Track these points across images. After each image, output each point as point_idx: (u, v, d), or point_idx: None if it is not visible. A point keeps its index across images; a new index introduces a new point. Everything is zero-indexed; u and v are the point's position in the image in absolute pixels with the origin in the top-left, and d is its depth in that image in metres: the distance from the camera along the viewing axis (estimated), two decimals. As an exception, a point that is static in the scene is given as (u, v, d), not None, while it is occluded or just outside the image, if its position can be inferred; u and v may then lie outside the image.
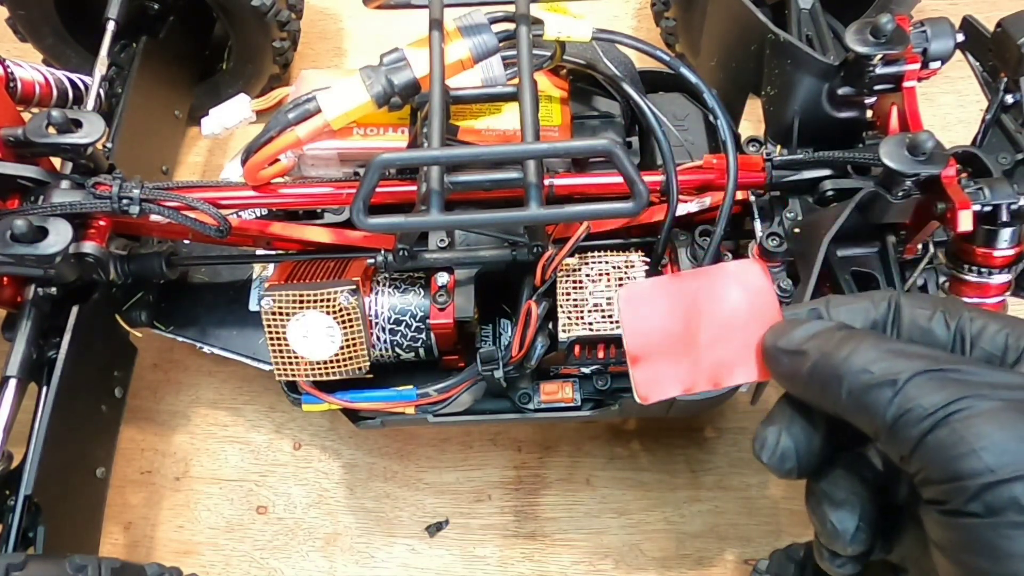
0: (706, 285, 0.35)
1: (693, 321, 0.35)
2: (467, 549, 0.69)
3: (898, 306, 0.32)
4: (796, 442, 0.32)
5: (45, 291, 0.60)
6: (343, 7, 0.97)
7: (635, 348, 0.35)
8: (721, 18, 0.66)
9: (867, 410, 0.28)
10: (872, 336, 0.30)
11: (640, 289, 0.36)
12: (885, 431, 0.28)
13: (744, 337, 0.34)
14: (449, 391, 0.57)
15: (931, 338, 0.31)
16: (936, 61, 0.56)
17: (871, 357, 0.29)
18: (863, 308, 0.32)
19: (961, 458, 0.26)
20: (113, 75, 0.73)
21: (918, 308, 0.31)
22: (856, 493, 0.32)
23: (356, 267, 0.57)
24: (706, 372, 0.34)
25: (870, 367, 0.29)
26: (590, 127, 0.62)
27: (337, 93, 0.52)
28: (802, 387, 0.31)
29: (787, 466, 0.32)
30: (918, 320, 0.31)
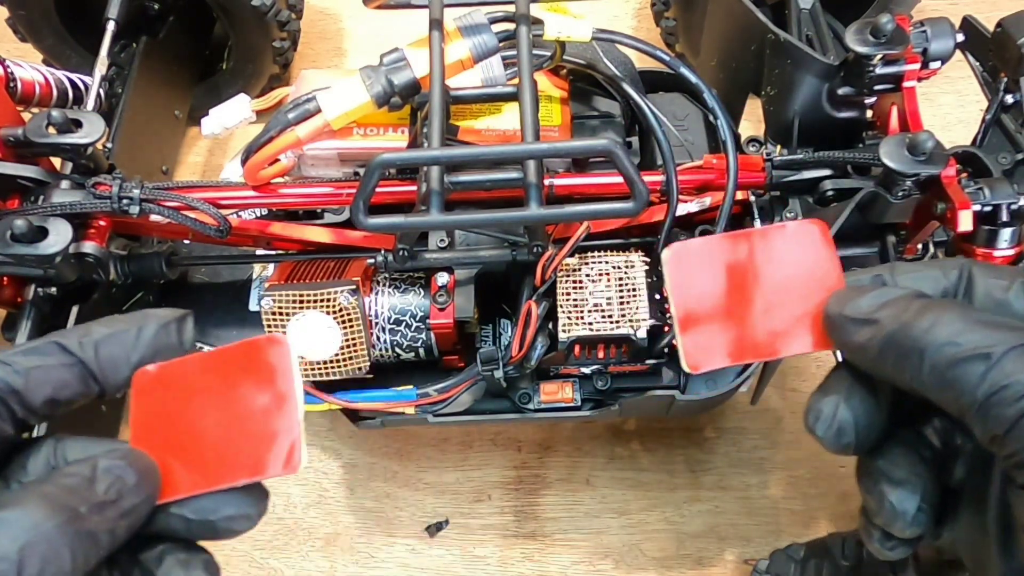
0: (761, 246, 0.32)
1: (746, 285, 0.32)
2: (467, 549, 0.69)
3: (971, 275, 0.29)
4: (855, 415, 0.30)
5: (45, 291, 0.60)
6: (343, 7, 0.97)
7: (683, 312, 0.32)
8: (721, 18, 0.66)
9: (954, 386, 0.26)
10: (956, 306, 0.28)
11: (690, 248, 0.33)
12: (975, 409, 0.26)
13: (802, 304, 0.31)
14: (449, 391, 0.57)
15: (1008, 311, 0.28)
16: (936, 61, 0.56)
17: (958, 328, 0.26)
18: (932, 276, 0.30)
19: None
20: (113, 75, 0.73)
21: (993, 278, 0.29)
22: (917, 472, 0.30)
23: (356, 267, 0.57)
24: (758, 341, 0.32)
25: (957, 339, 0.26)
26: (590, 127, 0.62)
27: (337, 93, 0.52)
28: (873, 359, 0.28)
29: (844, 440, 0.30)
30: (993, 291, 0.29)
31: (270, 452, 0.29)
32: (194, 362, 0.31)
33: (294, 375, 0.30)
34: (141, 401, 0.31)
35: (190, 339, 0.32)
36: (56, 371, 0.29)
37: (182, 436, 0.30)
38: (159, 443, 0.30)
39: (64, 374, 0.30)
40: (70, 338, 0.30)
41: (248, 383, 0.30)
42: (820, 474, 0.70)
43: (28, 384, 0.29)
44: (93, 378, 0.30)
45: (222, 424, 0.30)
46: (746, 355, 0.32)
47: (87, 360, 0.30)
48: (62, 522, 0.25)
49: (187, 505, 0.29)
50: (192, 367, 0.31)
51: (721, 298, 0.32)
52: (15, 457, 0.29)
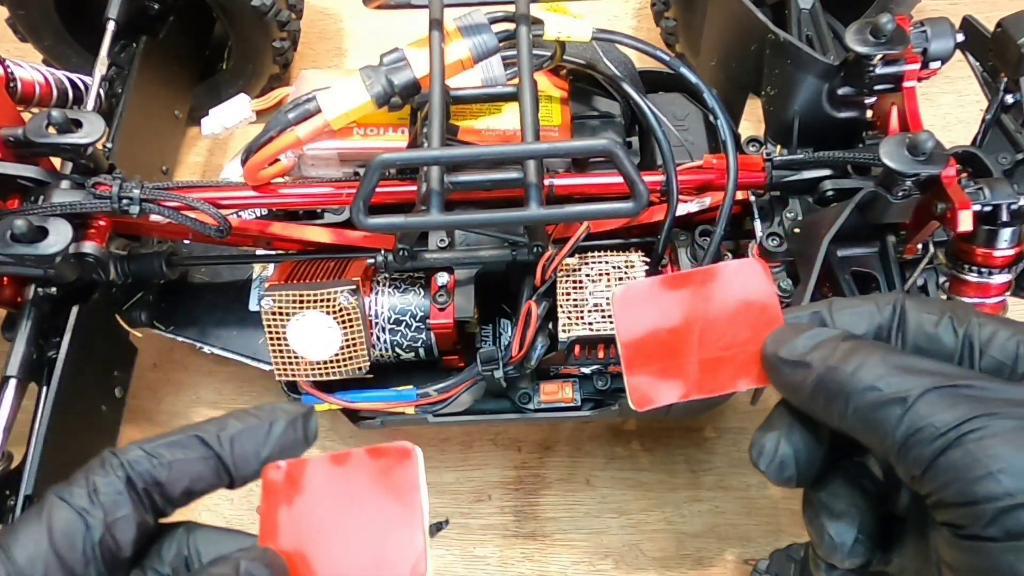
0: (703, 285, 0.33)
1: (690, 323, 0.33)
2: (467, 549, 0.69)
3: (903, 310, 0.30)
4: (796, 450, 0.31)
5: (45, 291, 0.60)
6: (343, 7, 0.97)
7: (630, 353, 0.33)
8: (721, 18, 0.66)
9: (875, 429, 0.27)
10: (880, 349, 0.29)
11: (634, 290, 0.34)
12: (895, 451, 0.27)
13: (744, 341, 0.33)
14: (449, 391, 0.57)
15: (938, 344, 0.30)
16: (936, 61, 0.56)
17: (879, 372, 0.27)
18: (867, 312, 0.31)
19: (978, 481, 0.25)
20: (113, 75, 0.73)
21: (924, 313, 0.30)
22: (856, 504, 0.31)
23: (356, 267, 0.57)
24: (703, 379, 0.33)
25: (878, 383, 0.27)
26: (590, 127, 0.62)
27: (337, 93, 0.52)
28: (805, 400, 0.30)
29: (786, 475, 0.31)
30: (924, 326, 0.30)
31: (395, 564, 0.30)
32: (325, 463, 0.32)
33: (421, 487, 0.30)
34: (270, 498, 0.31)
35: (314, 434, 0.33)
36: (195, 464, 0.31)
37: (311, 538, 0.31)
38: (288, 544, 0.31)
39: (202, 467, 0.31)
40: (209, 432, 0.31)
41: (377, 491, 0.31)
42: (820, 474, 0.70)
43: (170, 476, 0.30)
44: (226, 471, 0.31)
45: (349, 531, 0.30)
46: (692, 392, 0.33)
47: (223, 455, 0.31)
48: None
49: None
50: (321, 467, 0.31)
51: (667, 337, 0.33)
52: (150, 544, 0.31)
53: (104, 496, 0.30)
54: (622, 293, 0.34)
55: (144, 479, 0.30)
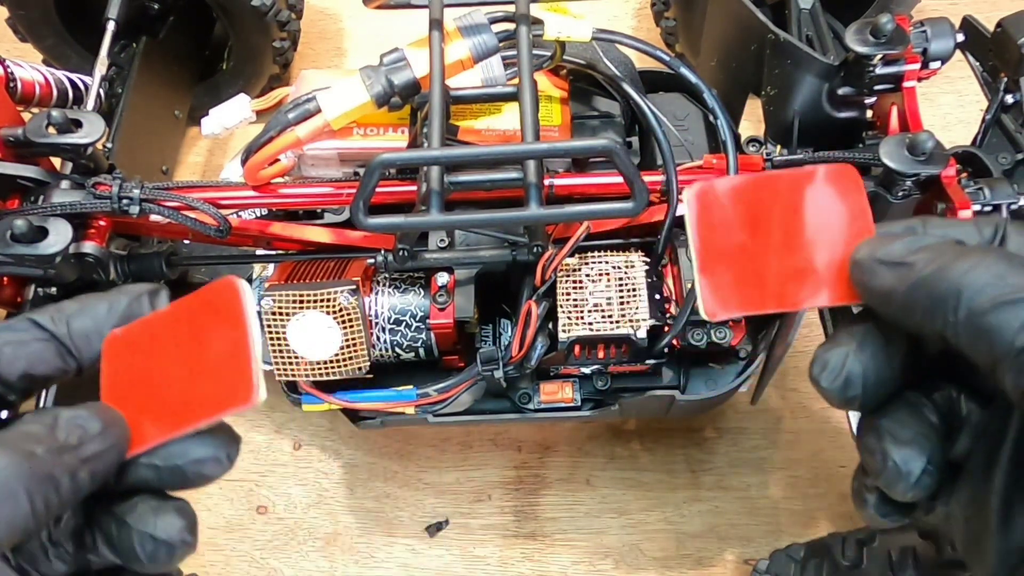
0: (790, 190, 0.31)
1: (771, 230, 0.30)
2: (467, 549, 0.69)
3: (1005, 234, 0.28)
4: (865, 367, 0.28)
5: (45, 291, 0.60)
6: (343, 7, 0.97)
7: (704, 255, 0.31)
8: (721, 18, 0.66)
9: (991, 333, 0.24)
10: (997, 251, 0.26)
11: (716, 188, 0.31)
12: (1010, 358, 0.24)
13: (829, 253, 0.30)
14: (449, 391, 0.57)
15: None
16: (936, 61, 0.56)
17: (1001, 270, 0.24)
18: (965, 231, 0.28)
19: None
20: (113, 75, 0.73)
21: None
22: (924, 433, 0.28)
23: (356, 267, 0.57)
24: (780, 290, 0.30)
25: (999, 281, 0.24)
26: (590, 127, 0.62)
27: (337, 93, 0.52)
28: (901, 304, 0.26)
29: (851, 393, 0.28)
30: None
31: (228, 390, 0.29)
32: (157, 318, 0.31)
33: (247, 313, 0.30)
34: (110, 363, 0.31)
35: None
36: (29, 346, 0.30)
37: (149, 390, 0.30)
38: (128, 400, 0.30)
39: (38, 348, 0.30)
40: (43, 315, 0.30)
41: (206, 329, 0.30)
42: (820, 474, 0.70)
43: (1, 359, 0.29)
44: (68, 353, 0.30)
45: (184, 372, 0.30)
46: (767, 304, 0.30)
47: (60, 335, 0.30)
48: (15, 462, 0.25)
49: (155, 454, 0.29)
50: (155, 322, 0.31)
51: (744, 243, 0.31)
52: None
53: None
54: (702, 190, 0.31)
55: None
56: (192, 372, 0.30)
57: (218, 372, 0.30)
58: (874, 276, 0.28)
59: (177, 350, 0.30)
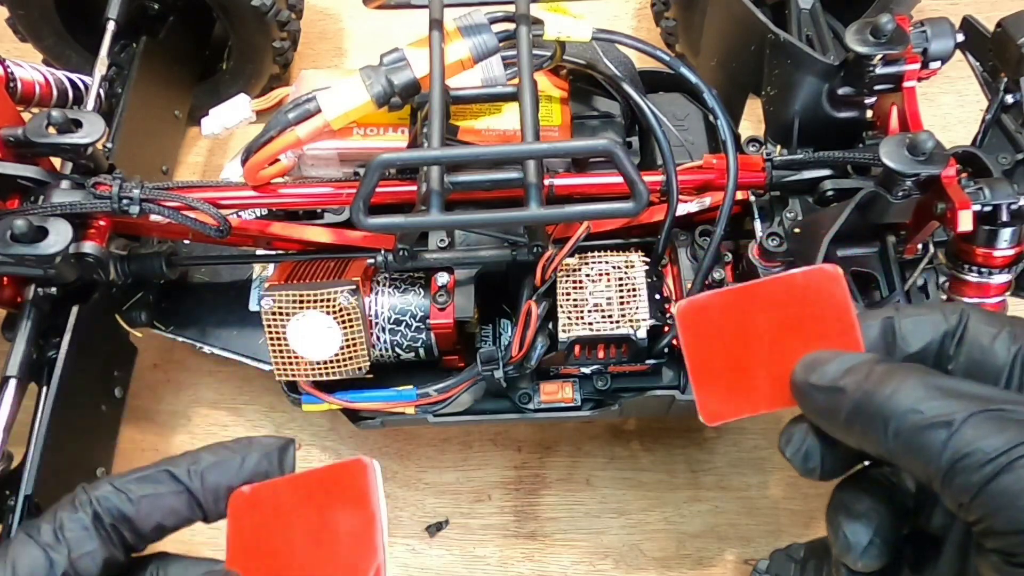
0: (772, 296, 0.32)
1: (760, 335, 0.32)
2: (467, 549, 0.69)
3: (967, 319, 0.30)
4: (823, 443, 0.31)
5: (45, 291, 0.60)
6: (343, 7, 0.97)
7: (697, 368, 0.32)
8: (721, 18, 0.66)
9: (918, 454, 0.27)
10: (917, 371, 0.28)
11: (701, 303, 0.33)
12: (940, 477, 0.26)
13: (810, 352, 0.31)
14: (449, 391, 0.57)
15: (992, 359, 0.29)
16: (936, 61, 0.56)
17: (920, 394, 0.27)
18: (933, 321, 0.30)
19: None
20: (113, 75, 0.73)
21: (985, 325, 0.30)
22: (877, 509, 0.31)
23: (356, 267, 0.57)
24: (775, 393, 0.32)
25: (919, 406, 0.27)
26: (590, 127, 0.62)
27: (337, 93, 0.52)
28: (841, 427, 0.29)
29: (810, 465, 0.31)
30: (981, 338, 0.29)
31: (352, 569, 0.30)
32: (285, 484, 0.32)
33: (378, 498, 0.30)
34: (236, 520, 0.32)
35: (291, 466, 0.34)
36: (166, 499, 0.32)
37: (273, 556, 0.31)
38: (253, 565, 0.31)
39: (173, 502, 0.32)
40: (180, 467, 0.32)
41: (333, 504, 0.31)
42: (820, 474, 0.70)
43: (139, 512, 0.31)
44: (199, 505, 0.32)
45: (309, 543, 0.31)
46: (759, 408, 0.32)
47: (194, 489, 0.32)
48: None
49: None
50: (283, 488, 0.32)
51: (734, 352, 0.32)
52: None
53: (69, 532, 0.30)
54: (687, 306, 0.33)
55: (112, 515, 0.31)
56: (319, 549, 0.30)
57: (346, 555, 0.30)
58: (812, 401, 0.30)
59: (303, 519, 0.31)
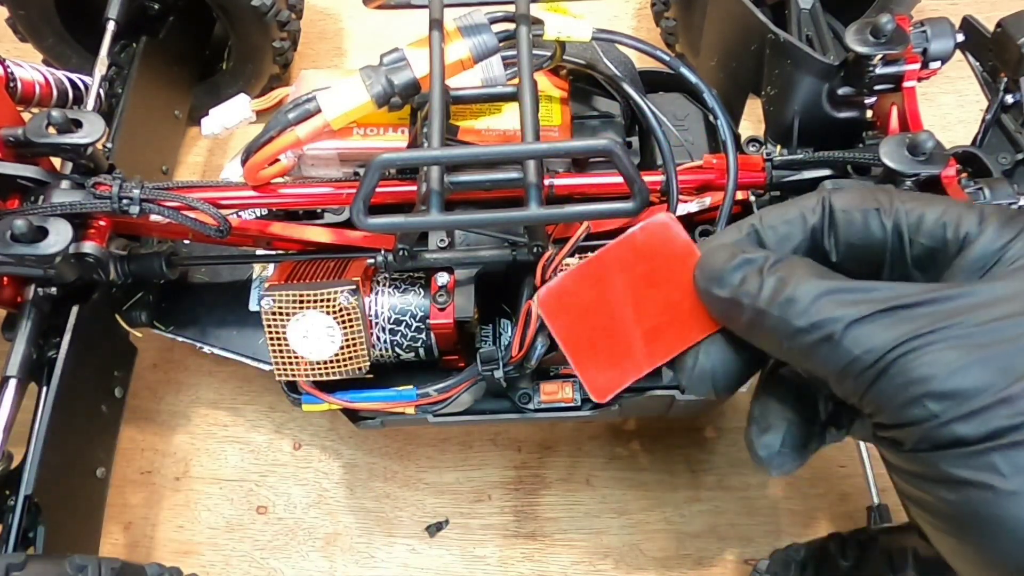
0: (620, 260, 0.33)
1: (621, 301, 0.33)
2: (467, 549, 0.69)
3: (831, 209, 0.31)
4: (713, 364, 0.33)
5: (45, 291, 0.60)
6: (343, 7, 0.97)
7: (573, 352, 0.33)
8: (721, 18, 0.66)
9: (812, 363, 0.29)
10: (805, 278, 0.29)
11: (554, 290, 0.33)
12: (832, 381, 0.29)
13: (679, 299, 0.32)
14: (449, 391, 0.57)
15: (870, 238, 0.31)
16: (936, 61, 0.56)
17: (804, 306, 0.28)
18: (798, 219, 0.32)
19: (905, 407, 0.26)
20: (113, 75, 0.73)
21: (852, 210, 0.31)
22: (786, 418, 0.33)
23: (356, 267, 0.57)
24: (653, 349, 0.33)
25: (803, 322, 0.28)
26: (590, 127, 0.62)
27: (337, 93, 0.52)
28: (744, 335, 0.31)
29: (703, 389, 0.33)
30: (854, 222, 0.31)
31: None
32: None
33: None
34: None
35: None
36: None
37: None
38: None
39: None
40: None
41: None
42: (820, 474, 0.70)
43: None
44: None
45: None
46: (643, 368, 0.33)
47: None
48: None
49: None
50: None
51: (604, 323, 0.33)
52: None
53: None
54: (545, 295, 0.33)
55: None
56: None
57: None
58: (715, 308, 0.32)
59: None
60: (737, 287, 0.30)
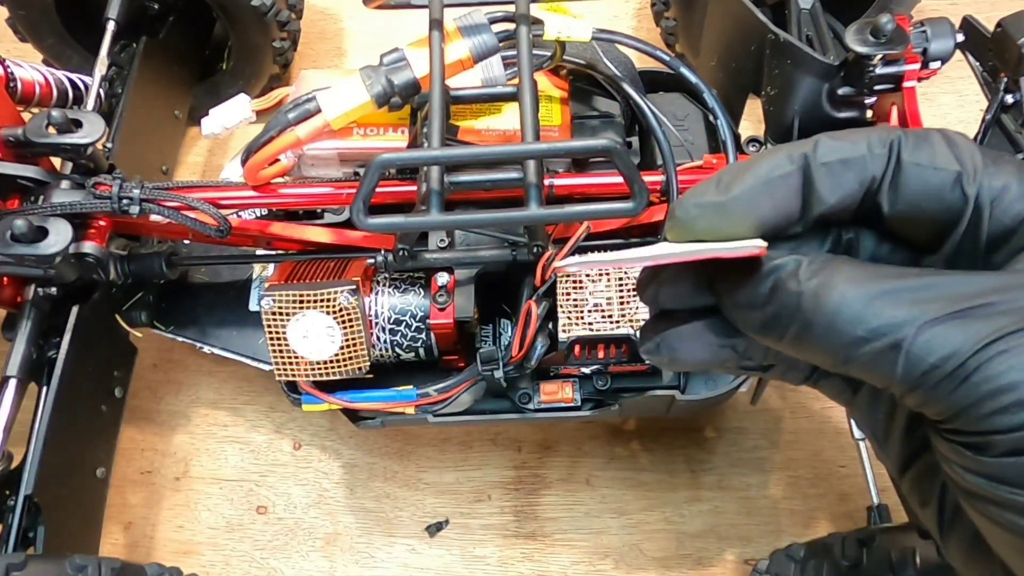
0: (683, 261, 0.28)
1: None
2: (467, 549, 0.69)
3: (899, 160, 0.26)
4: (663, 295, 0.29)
5: (45, 291, 0.60)
6: (343, 7, 0.97)
7: None
8: (721, 18, 0.66)
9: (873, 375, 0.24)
10: (848, 275, 0.25)
11: None
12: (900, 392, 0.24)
13: None
14: (449, 391, 0.57)
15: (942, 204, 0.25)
16: (936, 61, 0.56)
17: (856, 313, 0.24)
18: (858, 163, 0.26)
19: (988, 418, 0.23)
20: (113, 75, 0.73)
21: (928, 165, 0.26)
22: None
23: (356, 267, 0.57)
24: None
25: (861, 330, 0.24)
26: (590, 127, 0.62)
27: (337, 93, 0.52)
28: (791, 352, 0.26)
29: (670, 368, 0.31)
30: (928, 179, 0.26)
31: None
32: None
33: None
34: None
35: None
36: None
37: None
38: None
39: None
40: None
41: None
42: (820, 474, 0.70)
43: None
44: None
45: None
46: None
47: None
48: None
49: None
50: None
51: None
52: None
53: None
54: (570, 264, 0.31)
55: None
56: None
57: None
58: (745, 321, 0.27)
59: None
60: (771, 299, 0.26)
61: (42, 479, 0.56)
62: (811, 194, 0.26)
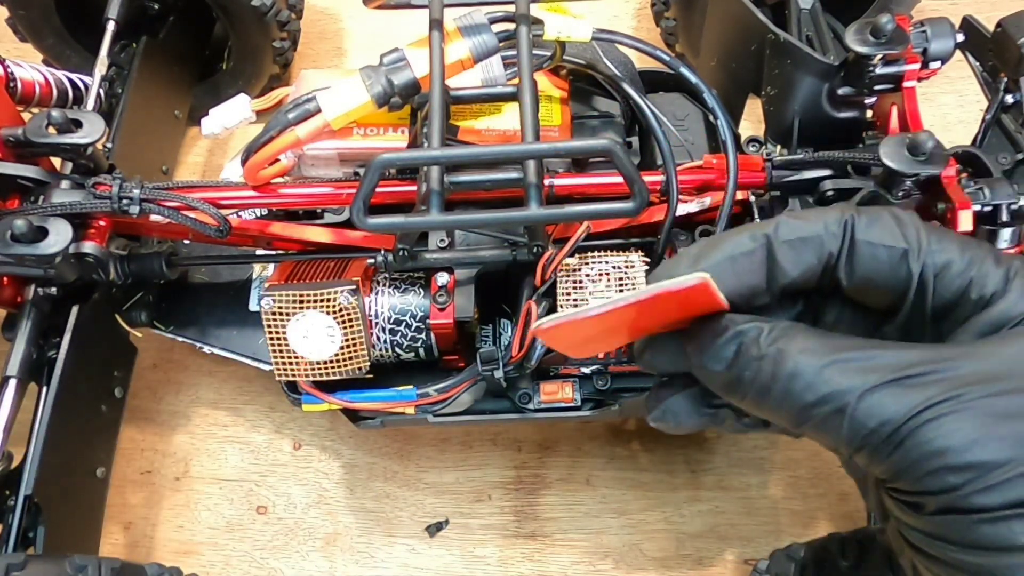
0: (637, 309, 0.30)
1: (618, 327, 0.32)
2: (467, 549, 0.69)
3: (853, 239, 0.29)
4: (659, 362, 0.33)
5: (45, 291, 0.60)
6: (343, 7, 0.97)
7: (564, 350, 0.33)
8: (721, 18, 0.66)
9: (825, 435, 0.27)
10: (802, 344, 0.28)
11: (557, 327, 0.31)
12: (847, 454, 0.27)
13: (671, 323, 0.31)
14: (449, 391, 0.57)
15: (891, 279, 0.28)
16: (936, 61, 0.56)
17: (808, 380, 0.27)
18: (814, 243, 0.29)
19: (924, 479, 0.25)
20: (113, 75, 0.73)
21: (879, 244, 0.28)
22: None
23: (356, 267, 0.57)
24: None
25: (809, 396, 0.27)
26: (590, 127, 0.62)
27: (337, 93, 0.52)
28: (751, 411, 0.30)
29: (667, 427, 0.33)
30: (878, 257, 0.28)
31: None
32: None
33: None
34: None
35: None
36: None
37: None
38: None
39: None
40: None
41: None
42: (820, 474, 0.70)
43: None
44: None
45: None
46: None
47: None
48: None
49: None
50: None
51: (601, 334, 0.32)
52: None
53: None
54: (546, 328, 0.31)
55: None
56: None
57: None
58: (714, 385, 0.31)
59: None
60: (734, 362, 0.29)
61: (42, 479, 0.56)
62: (775, 268, 0.29)
